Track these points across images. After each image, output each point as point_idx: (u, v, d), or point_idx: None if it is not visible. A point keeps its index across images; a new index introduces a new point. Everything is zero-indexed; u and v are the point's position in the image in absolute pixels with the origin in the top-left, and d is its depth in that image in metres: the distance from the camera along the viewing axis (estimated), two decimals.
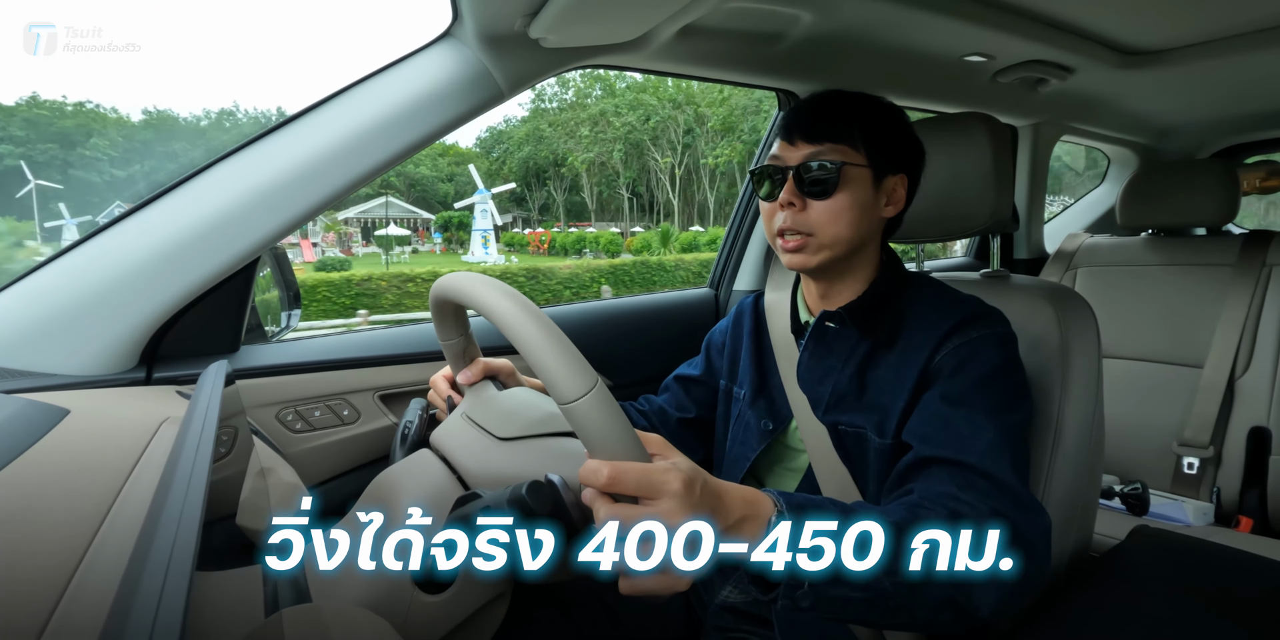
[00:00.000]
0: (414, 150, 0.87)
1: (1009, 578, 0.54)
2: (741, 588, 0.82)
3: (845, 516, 0.51)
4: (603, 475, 0.42)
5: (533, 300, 0.51)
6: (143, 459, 0.47)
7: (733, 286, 1.51)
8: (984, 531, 0.55)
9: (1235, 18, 1.19)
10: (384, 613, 0.50)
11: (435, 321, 0.70)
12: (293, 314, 1.02)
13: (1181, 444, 1.49)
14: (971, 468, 0.62)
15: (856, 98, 0.77)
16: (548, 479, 0.50)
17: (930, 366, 0.70)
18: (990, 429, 0.64)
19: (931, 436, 0.65)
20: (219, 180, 0.80)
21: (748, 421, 0.86)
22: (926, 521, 0.55)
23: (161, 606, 0.23)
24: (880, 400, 0.73)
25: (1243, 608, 0.66)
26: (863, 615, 0.53)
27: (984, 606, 0.55)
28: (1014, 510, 0.59)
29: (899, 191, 0.77)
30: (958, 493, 0.60)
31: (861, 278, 0.79)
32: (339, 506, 0.72)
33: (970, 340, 0.70)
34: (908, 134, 0.78)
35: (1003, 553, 0.55)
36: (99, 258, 0.76)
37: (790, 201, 0.73)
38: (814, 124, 0.74)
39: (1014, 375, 0.70)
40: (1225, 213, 1.51)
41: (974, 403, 0.66)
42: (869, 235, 0.76)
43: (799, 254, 0.74)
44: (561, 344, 0.46)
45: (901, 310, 0.76)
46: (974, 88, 1.48)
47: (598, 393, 0.45)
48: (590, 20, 0.84)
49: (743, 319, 0.94)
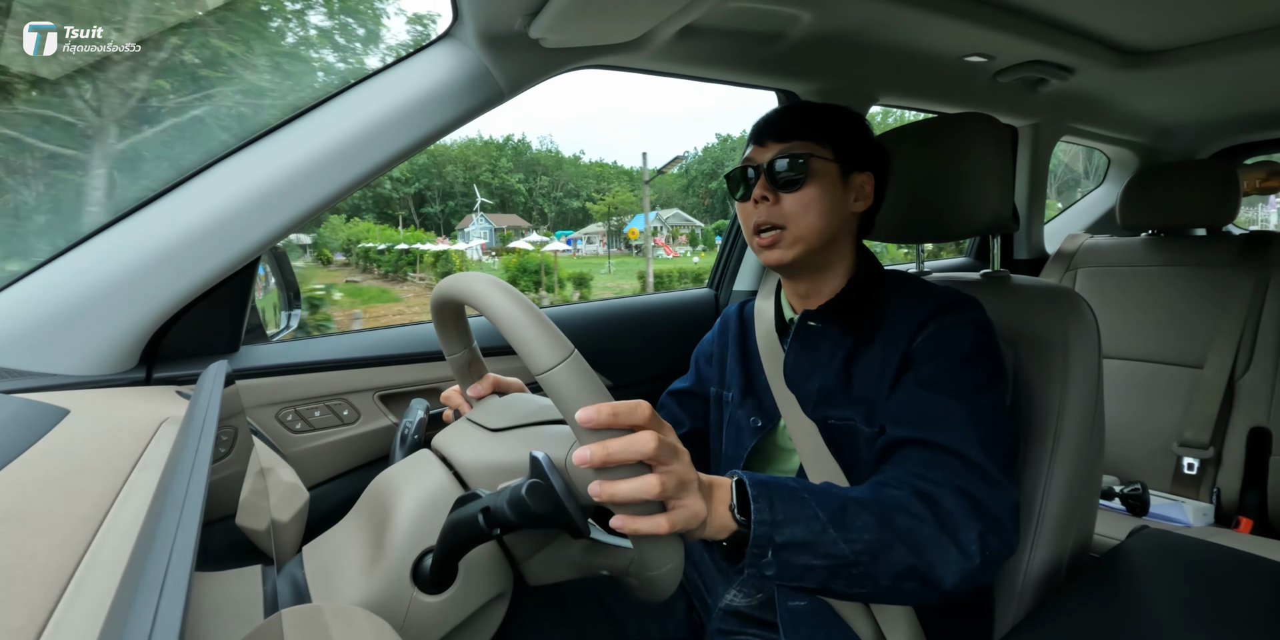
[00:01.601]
0: (414, 150, 0.87)
1: (971, 550, 0.57)
2: (745, 591, 0.83)
3: (804, 486, 0.55)
4: (597, 457, 0.45)
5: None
6: (142, 459, 0.47)
7: (732, 287, 1.51)
8: (944, 506, 0.59)
9: (1235, 18, 1.19)
10: (384, 613, 0.50)
11: (439, 335, 0.70)
12: (293, 314, 1.02)
13: (1181, 444, 1.49)
14: (939, 446, 0.64)
15: (821, 104, 0.83)
16: (532, 456, 0.51)
17: (908, 353, 0.73)
18: (960, 409, 0.66)
19: (903, 418, 0.68)
20: (219, 180, 0.80)
21: (738, 422, 0.88)
22: (889, 497, 0.59)
23: (160, 607, 0.23)
24: (866, 392, 0.75)
25: (1242, 608, 0.66)
26: (826, 583, 0.55)
27: (947, 577, 0.57)
28: (980, 487, 0.61)
29: (867, 188, 0.81)
30: (924, 471, 0.63)
31: (839, 275, 0.82)
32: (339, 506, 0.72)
33: (945, 327, 0.72)
34: (871, 137, 0.83)
35: (963, 526, 0.58)
36: (99, 257, 0.76)
37: (764, 195, 0.77)
38: (783, 125, 0.79)
39: (987, 358, 0.72)
40: (1225, 213, 1.51)
41: (945, 385, 0.68)
42: (841, 229, 0.79)
43: (775, 249, 0.78)
44: (535, 316, 0.47)
45: (880, 305, 0.78)
46: (974, 88, 1.48)
47: (573, 361, 0.46)
48: (590, 20, 0.84)
49: (728, 326, 0.96)
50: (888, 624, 0.74)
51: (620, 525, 0.47)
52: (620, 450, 0.45)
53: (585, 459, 0.45)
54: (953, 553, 0.57)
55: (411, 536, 0.54)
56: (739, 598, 0.82)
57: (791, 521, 0.53)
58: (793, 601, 0.76)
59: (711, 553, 0.90)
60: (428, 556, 0.53)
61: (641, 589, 0.54)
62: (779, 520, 0.52)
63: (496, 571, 0.57)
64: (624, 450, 0.45)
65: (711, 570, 0.88)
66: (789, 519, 0.53)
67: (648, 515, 0.47)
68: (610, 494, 0.46)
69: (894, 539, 0.56)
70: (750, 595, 0.82)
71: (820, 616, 0.75)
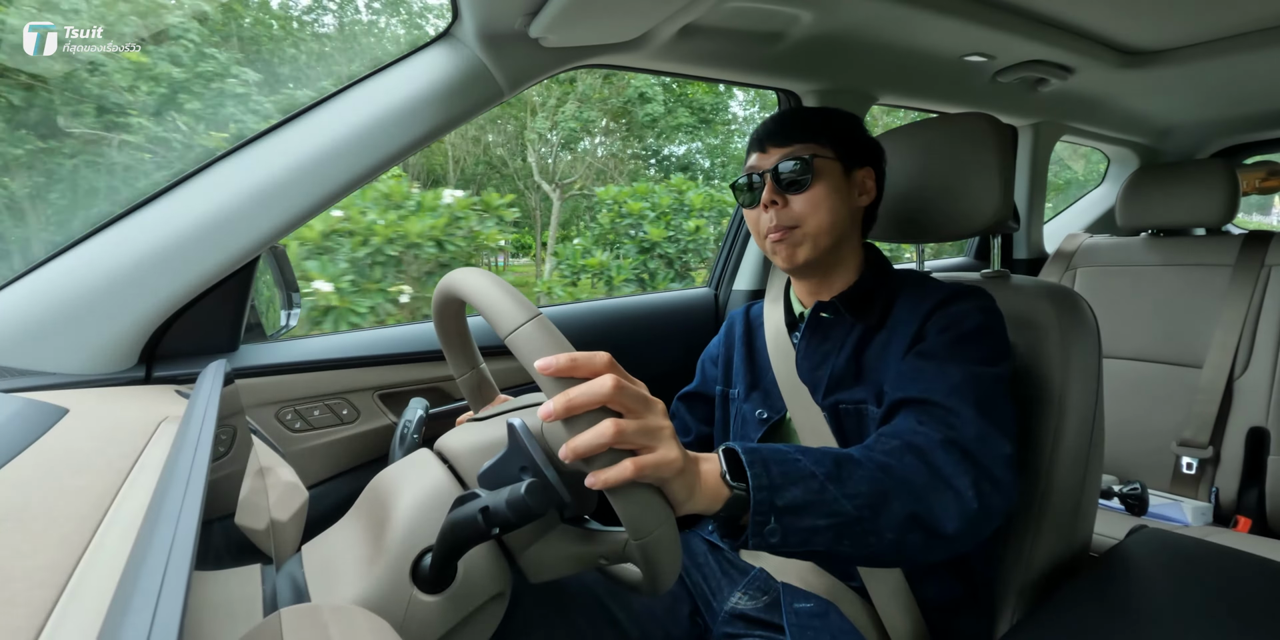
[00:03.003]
0: (414, 149, 0.87)
1: (967, 495, 0.58)
2: (750, 593, 0.82)
3: (797, 448, 0.56)
4: (560, 405, 0.44)
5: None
6: (142, 458, 0.47)
7: (732, 287, 1.51)
8: (935, 457, 0.60)
9: (1235, 18, 1.19)
10: (383, 612, 0.50)
11: (446, 354, 0.71)
12: (292, 314, 1.02)
13: (1180, 444, 1.50)
14: (932, 403, 0.66)
15: (813, 108, 0.87)
16: (509, 425, 0.51)
17: (917, 335, 0.74)
18: (958, 375, 0.67)
19: (902, 383, 0.70)
20: (219, 179, 0.80)
21: (745, 416, 0.89)
22: (881, 450, 0.60)
23: (160, 606, 0.23)
24: (876, 375, 0.76)
25: (1241, 608, 0.66)
26: (833, 545, 0.54)
27: (947, 521, 0.57)
28: (970, 439, 0.62)
29: (868, 183, 0.84)
30: (916, 426, 0.64)
31: (850, 271, 0.84)
32: (338, 506, 0.72)
33: (953, 310, 0.74)
34: (866, 133, 0.87)
35: (955, 473, 0.59)
36: (99, 256, 0.76)
37: (772, 200, 0.79)
38: (781, 130, 0.82)
39: (991, 337, 0.73)
40: (1225, 213, 1.51)
41: (946, 356, 0.70)
42: (849, 224, 0.82)
43: (789, 249, 0.79)
44: (500, 284, 0.49)
45: (890, 296, 0.80)
46: (974, 88, 1.48)
47: (538, 321, 0.46)
48: (590, 19, 0.84)
49: (734, 327, 0.98)
50: (893, 625, 0.74)
51: (591, 481, 0.45)
52: (579, 395, 0.44)
53: (549, 412, 0.44)
54: (950, 496, 0.58)
55: (410, 536, 0.54)
56: (744, 600, 0.82)
57: (790, 483, 0.52)
58: (799, 603, 0.76)
59: (716, 554, 0.90)
60: (427, 556, 0.53)
61: (642, 579, 0.53)
62: (776, 484, 0.52)
63: (496, 571, 0.57)
64: (583, 394, 0.44)
65: (716, 573, 0.88)
66: (787, 481, 0.52)
67: (616, 465, 0.45)
68: (573, 448, 0.44)
69: (891, 488, 0.56)
70: (756, 598, 0.81)
71: (826, 618, 0.74)
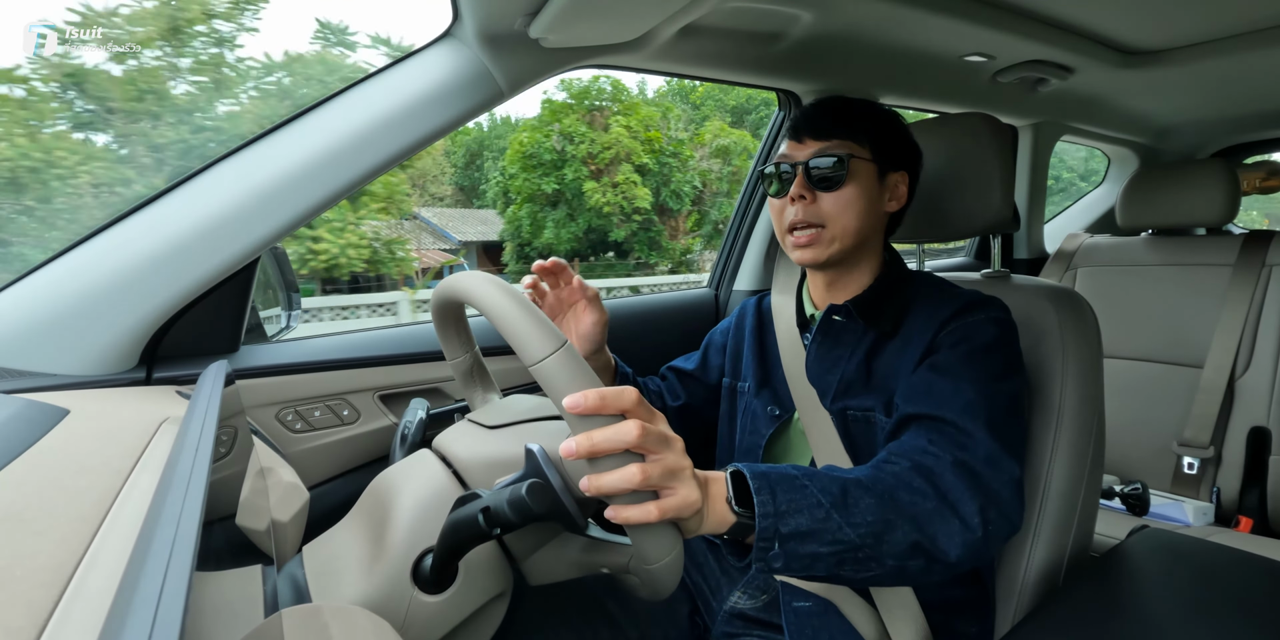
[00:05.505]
0: (414, 150, 0.87)
1: (973, 523, 0.58)
2: (749, 593, 0.82)
3: (805, 473, 0.55)
4: (583, 448, 0.44)
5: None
6: (142, 459, 0.47)
7: (733, 286, 1.51)
8: (944, 480, 0.59)
9: (1235, 18, 1.19)
10: (384, 613, 0.50)
11: (441, 338, 0.71)
12: (293, 314, 1.02)
13: (1181, 444, 1.49)
14: (943, 420, 0.65)
15: (859, 101, 0.82)
16: (528, 448, 0.51)
17: (931, 346, 0.73)
18: (970, 391, 0.66)
19: (914, 397, 0.69)
20: (219, 180, 0.80)
21: (755, 411, 0.88)
22: (889, 473, 0.59)
23: (160, 606, 0.23)
24: (886, 383, 0.75)
25: (1242, 608, 0.66)
26: (834, 570, 0.54)
27: (951, 549, 0.57)
28: (980, 462, 0.62)
29: (901, 188, 0.81)
30: (926, 445, 0.63)
31: (866, 273, 0.82)
32: (339, 506, 0.71)
33: (967, 322, 0.73)
34: (907, 135, 0.83)
35: (963, 499, 0.58)
36: (99, 257, 0.76)
37: (801, 195, 0.76)
38: (821, 122, 0.78)
39: (1005, 351, 0.72)
40: (1225, 213, 1.51)
41: (959, 371, 0.69)
42: (874, 229, 0.80)
43: (810, 248, 0.77)
44: (527, 308, 0.47)
45: (905, 303, 0.79)
46: (974, 88, 1.48)
47: (565, 351, 0.46)
48: (590, 20, 0.84)
49: (745, 318, 0.96)
50: (893, 624, 0.74)
51: (612, 515, 0.46)
52: (604, 440, 0.44)
53: (570, 450, 0.44)
54: (955, 525, 0.58)
55: (411, 536, 0.54)
56: (743, 600, 0.82)
57: (795, 511, 0.52)
58: (798, 603, 0.76)
59: (715, 553, 0.90)
60: (428, 556, 0.53)
61: (642, 586, 0.53)
62: (782, 511, 0.52)
63: (496, 571, 0.57)
64: (608, 440, 0.44)
65: (715, 572, 0.88)
66: (792, 508, 0.52)
67: (638, 504, 0.46)
68: (597, 486, 0.45)
69: (896, 517, 0.56)
70: (755, 597, 0.81)
71: (825, 617, 0.74)
